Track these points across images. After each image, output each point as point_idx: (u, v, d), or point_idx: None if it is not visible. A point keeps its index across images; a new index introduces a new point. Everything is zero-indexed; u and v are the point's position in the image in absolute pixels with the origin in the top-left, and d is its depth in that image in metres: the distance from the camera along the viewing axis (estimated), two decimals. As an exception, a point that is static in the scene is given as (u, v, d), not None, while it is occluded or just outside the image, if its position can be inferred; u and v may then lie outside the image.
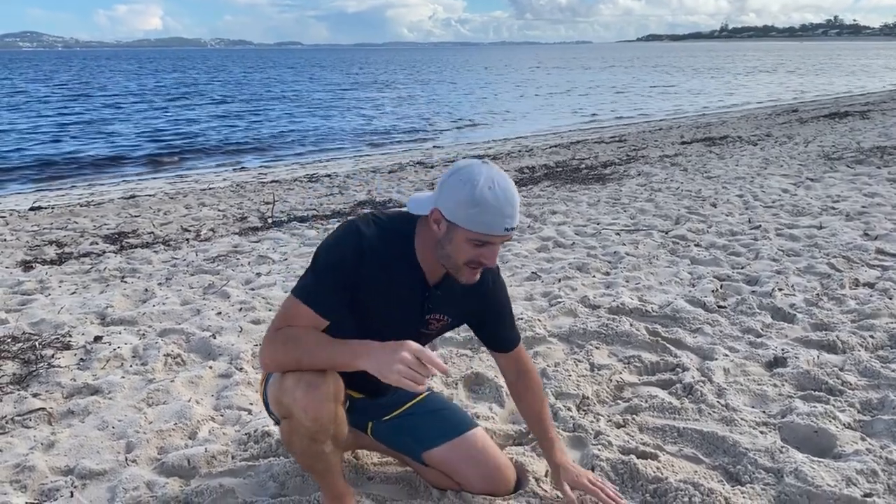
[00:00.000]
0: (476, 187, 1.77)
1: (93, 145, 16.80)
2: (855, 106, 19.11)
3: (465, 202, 1.78)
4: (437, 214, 1.86)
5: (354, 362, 1.80)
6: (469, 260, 1.87)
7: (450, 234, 1.85)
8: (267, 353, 1.90)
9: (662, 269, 4.82)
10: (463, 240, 1.84)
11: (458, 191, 1.79)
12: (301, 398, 1.84)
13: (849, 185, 7.51)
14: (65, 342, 3.74)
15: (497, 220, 1.79)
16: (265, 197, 8.82)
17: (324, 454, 1.98)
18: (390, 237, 1.96)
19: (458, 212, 1.80)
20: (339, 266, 1.90)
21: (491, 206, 1.77)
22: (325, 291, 1.90)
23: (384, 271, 1.94)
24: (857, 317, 3.78)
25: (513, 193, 1.81)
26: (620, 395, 3.05)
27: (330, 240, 1.95)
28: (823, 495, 2.20)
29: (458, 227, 1.82)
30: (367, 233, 1.93)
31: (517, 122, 21.71)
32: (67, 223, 7.40)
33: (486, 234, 1.81)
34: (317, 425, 1.88)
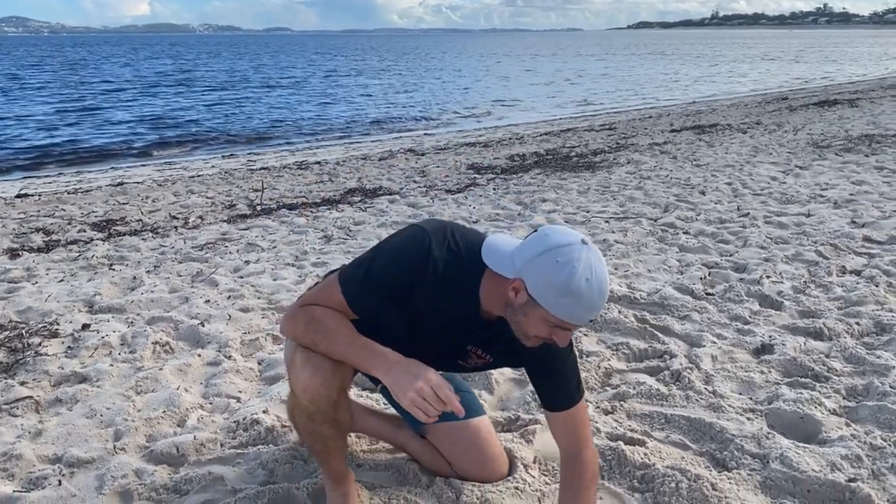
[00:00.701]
0: (574, 276, 1.62)
1: (88, 133, 16.59)
2: (844, 94, 19.18)
3: (558, 288, 1.64)
4: (518, 285, 1.71)
5: (369, 369, 1.77)
6: (542, 337, 1.76)
7: (527, 308, 1.71)
8: (288, 325, 1.88)
9: (651, 257, 4.84)
10: (541, 319, 1.71)
11: (553, 273, 1.64)
12: (304, 379, 1.85)
13: (837, 172, 7.55)
14: (52, 330, 3.72)
15: (586, 313, 1.67)
16: (254, 184, 8.78)
17: (321, 435, 1.98)
18: (459, 270, 1.82)
19: (546, 294, 1.66)
20: (395, 278, 1.81)
21: (585, 299, 1.64)
22: (368, 293, 1.82)
23: (442, 298, 1.84)
24: (844, 304, 3.81)
25: (606, 285, 1.68)
26: (608, 382, 3.06)
27: (396, 245, 1.85)
28: (808, 480, 2.22)
29: (539, 307, 1.68)
30: (437, 255, 1.80)
31: (510, 109, 21.66)
32: (55, 210, 7.35)
33: (571, 322, 1.69)
34: (313, 407, 1.89)
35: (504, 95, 25.83)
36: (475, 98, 25.34)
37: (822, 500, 2.18)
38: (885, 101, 15.87)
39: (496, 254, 1.79)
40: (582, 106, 21.89)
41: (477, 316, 1.88)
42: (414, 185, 8.13)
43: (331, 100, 25.18)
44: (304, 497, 2.22)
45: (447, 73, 41.40)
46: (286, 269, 4.83)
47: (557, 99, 24.37)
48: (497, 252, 1.79)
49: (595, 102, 23.14)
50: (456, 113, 21.00)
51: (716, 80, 31.14)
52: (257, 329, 3.72)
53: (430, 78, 36.97)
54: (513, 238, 1.85)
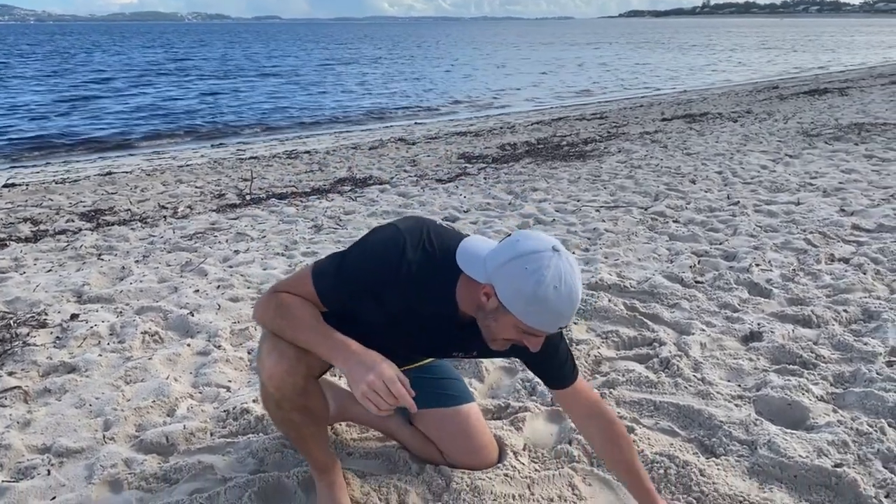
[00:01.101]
0: (541, 284, 1.62)
1: (81, 123, 16.36)
2: (834, 83, 19.23)
3: (526, 296, 1.63)
4: (489, 290, 1.71)
5: (329, 359, 1.78)
6: (512, 340, 1.77)
7: (497, 314, 1.72)
8: (259, 310, 1.89)
9: (641, 246, 4.85)
10: (511, 325, 1.71)
11: (521, 280, 1.64)
12: (269, 366, 1.85)
13: (827, 161, 7.57)
14: (40, 320, 3.70)
15: (555, 320, 1.67)
16: (243, 174, 8.74)
17: (292, 423, 1.97)
18: (433, 272, 1.82)
19: (514, 301, 1.66)
20: (367, 275, 1.81)
21: (553, 306, 1.63)
22: (338, 287, 1.83)
23: (416, 298, 1.83)
24: (832, 291, 3.83)
25: (577, 294, 1.66)
26: (598, 370, 3.07)
27: (371, 244, 1.85)
28: (795, 466, 2.24)
29: (509, 313, 1.68)
30: (412, 258, 1.80)
31: (502, 98, 21.60)
32: (42, 200, 7.29)
33: (540, 329, 1.70)
34: (279, 394, 1.88)
35: (500, 85, 25.66)
36: (469, 87, 25.23)
37: (809, 485, 2.19)
38: (874, 89, 15.92)
39: (470, 257, 1.78)
40: (581, 97, 21.77)
41: (454, 316, 1.87)
42: (405, 175, 8.12)
43: (322, 89, 25.01)
44: (294, 485, 2.22)
45: (441, 61, 41.17)
46: (276, 259, 4.82)
47: (556, 89, 24.20)
48: (471, 256, 1.79)
49: (595, 92, 23.02)
50: (449, 102, 20.94)
51: (717, 69, 30.91)
52: (247, 319, 3.71)
53: (425, 67, 36.80)
54: (489, 241, 1.84)
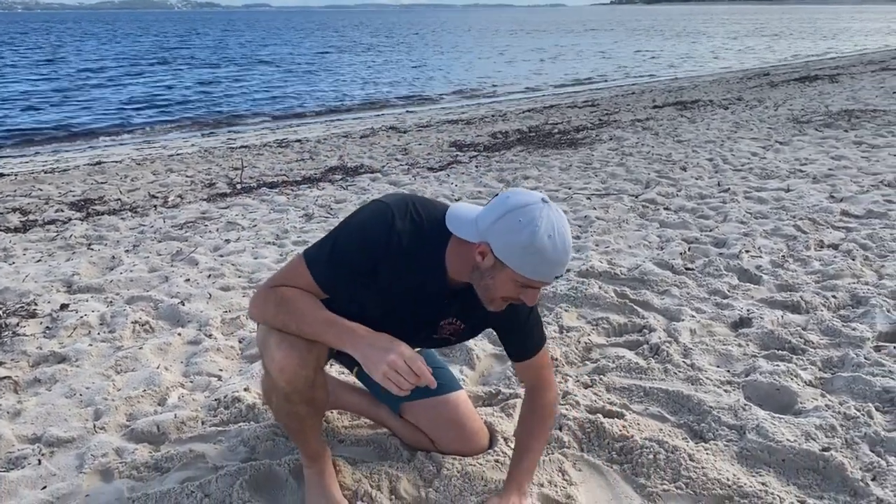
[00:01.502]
0: (536, 234, 1.66)
1: (76, 114, 16.10)
2: (825, 69, 19.25)
3: (522, 247, 1.67)
4: (484, 248, 1.74)
5: (341, 346, 1.77)
6: (510, 298, 1.80)
7: (494, 271, 1.75)
8: (257, 309, 1.87)
9: (632, 233, 4.86)
10: (508, 279, 1.74)
11: (516, 233, 1.68)
12: (279, 359, 1.83)
13: (816, 148, 7.60)
14: (30, 310, 3.69)
15: (552, 269, 1.71)
16: (234, 163, 8.70)
17: (297, 415, 1.97)
18: (423, 241, 1.84)
19: (511, 254, 1.69)
20: (360, 254, 1.82)
21: (549, 255, 1.68)
22: (335, 271, 1.83)
23: (407, 270, 1.85)
24: (821, 277, 3.85)
25: (569, 243, 1.72)
26: (588, 357, 3.09)
27: (359, 221, 1.85)
28: (783, 450, 2.26)
29: (506, 268, 1.72)
30: (401, 228, 1.82)
31: (497, 86, 21.52)
32: (31, 190, 7.25)
33: (537, 279, 1.73)
34: (290, 387, 1.87)
35: (496, 73, 25.48)
36: (467, 76, 25.09)
37: (797, 469, 2.21)
38: (864, 76, 15.96)
39: (460, 220, 1.82)
40: (584, 85, 21.67)
41: (444, 286, 1.90)
42: (396, 164, 8.10)
43: (314, 77, 24.86)
44: (286, 473, 2.22)
45: (438, 50, 40.83)
46: (267, 248, 4.81)
47: (558, 77, 24.04)
48: (461, 218, 1.82)
49: (597, 80, 22.89)
50: (445, 91, 20.85)
51: (726, 56, 30.68)
52: (238, 308, 3.71)
53: (421, 55, 36.55)
54: (475, 205, 1.86)
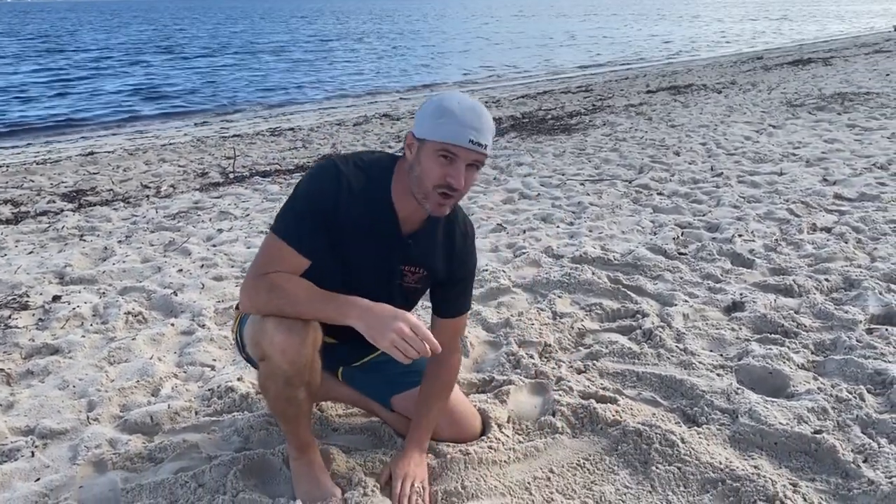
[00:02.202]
0: (443, 101, 1.83)
1: (78, 105, 15.85)
2: (818, 52, 19.22)
3: (432, 114, 1.82)
4: (409, 138, 1.89)
5: (343, 319, 1.80)
6: (437, 182, 1.84)
7: (419, 155, 1.86)
8: (248, 297, 1.89)
9: (625, 218, 4.86)
10: (430, 154, 1.83)
11: (427, 108, 1.86)
12: (280, 342, 1.84)
13: (810, 131, 7.59)
14: (22, 302, 3.67)
15: (462, 129, 1.80)
16: (226, 152, 8.67)
17: (296, 399, 1.98)
18: (367, 177, 1.96)
19: (425, 125, 1.83)
20: (316, 202, 1.90)
21: (456, 115, 1.80)
22: (304, 228, 1.89)
23: (360, 212, 1.93)
24: (814, 261, 3.85)
25: (481, 109, 1.83)
26: (582, 342, 3.09)
27: (308, 178, 1.95)
28: (775, 433, 2.26)
29: (425, 143, 1.83)
30: (345, 170, 1.93)
31: (493, 70, 21.40)
32: (23, 182, 7.21)
33: (452, 142, 1.80)
34: (293, 369, 1.88)
35: (494, 59, 25.23)
36: (459, 60, 24.99)
37: (789, 451, 2.22)
38: (858, 59, 15.93)
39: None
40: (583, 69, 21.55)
41: (398, 227, 2.00)
42: (389, 151, 8.07)
43: (309, 66, 24.64)
44: (280, 462, 2.22)
45: (433, 36, 40.54)
46: (259, 238, 4.80)
47: (553, 62, 23.90)
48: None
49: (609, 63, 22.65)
50: (438, 76, 20.77)
51: (731, 40, 30.43)
52: (231, 297, 3.70)
53: (416, 40, 36.34)
54: None
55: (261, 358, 1.92)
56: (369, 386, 2.37)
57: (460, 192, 1.88)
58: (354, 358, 2.35)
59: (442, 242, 2.10)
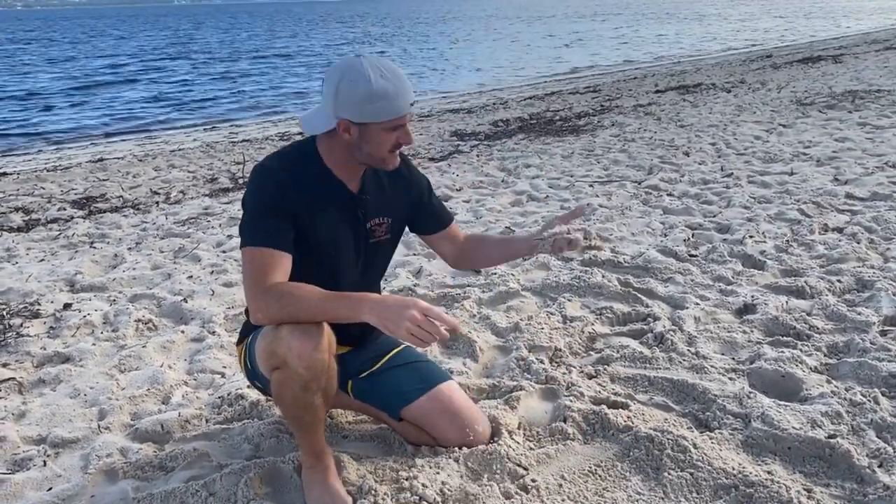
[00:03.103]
0: (371, 82, 1.88)
1: (103, 113, 15.82)
2: (828, 50, 19.10)
3: (367, 99, 1.89)
4: (344, 124, 1.95)
5: (357, 315, 1.81)
6: (392, 147, 2.00)
7: (365, 135, 1.96)
8: (259, 311, 1.89)
9: (635, 220, 4.83)
10: (379, 133, 1.95)
11: (355, 93, 1.89)
12: (296, 346, 1.85)
13: (820, 130, 7.54)
14: (33, 310, 3.69)
15: (401, 102, 1.92)
16: (236, 157, 8.69)
17: (313, 406, 1.98)
18: (297, 160, 2.05)
19: (364, 110, 1.91)
20: (266, 200, 1.96)
21: (391, 92, 1.90)
22: (270, 227, 1.94)
23: (307, 191, 2.02)
24: (826, 262, 3.82)
25: (398, 71, 1.94)
26: (592, 347, 3.07)
27: (247, 189, 2.02)
28: (789, 438, 2.24)
29: (370, 125, 1.94)
30: (274, 166, 2.01)
31: (503, 71, 21.35)
32: (34, 189, 7.26)
33: (397, 117, 1.94)
34: (310, 374, 1.88)
35: (508, 62, 25.02)
36: (470, 63, 24.92)
37: (803, 456, 2.20)
38: (869, 56, 15.83)
39: (311, 122, 2.04)
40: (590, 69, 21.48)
41: (346, 190, 2.10)
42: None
43: (321, 70, 24.62)
44: (290, 470, 2.22)
45: (452, 38, 40.39)
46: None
47: (562, 62, 23.80)
48: (310, 120, 2.04)
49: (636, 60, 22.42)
50: (448, 79, 20.76)
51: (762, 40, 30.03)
52: (241, 303, 3.70)
53: (427, 44, 36.28)
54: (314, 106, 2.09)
55: (276, 367, 1.92)
56: (379, 399, 2.36)
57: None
58: (363, 367, 2.35)
59: (388, 183, 2.23)
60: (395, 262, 4.24)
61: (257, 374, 2.14)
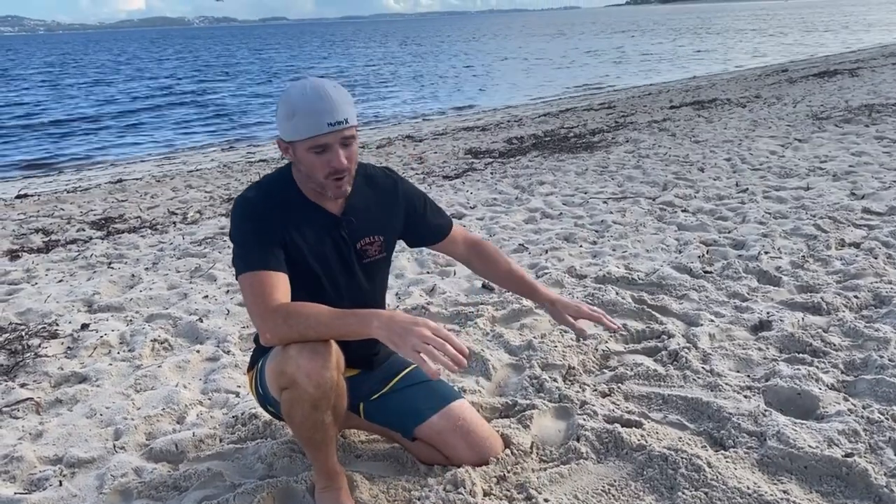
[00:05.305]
0: (289, 99, 1.90)
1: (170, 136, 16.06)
2: (844, 64, 19.01)
3: (285, 116, 1.91)
4: (281, 144, 1.99)
5: (366, 329, 1.81)
6: (325, 173, 1.95)
7: (296, 155, 1.96)
8: (269, 331, 1.88)
9: (649, 237, 4.82)
10: (304, 152, 1.93)
11: (280, 111, 1.94)
12: (305, 364, 1.85)
13: (836, 144, 7.49)
14: (52, 331, 3.73)
15: (315, 119, 1.87)
16: (252, 177, 8.77)
17: (323, 424, 1.98)
18: (273, 189, 2.06)
19: (286, 129, 1.92)
20: (254, 229, 1.98)
21: (304, 109, 1.87)
22: (263, 251, 1.95)
23: (288, 217, 2.03)
24: (843, 277, 3.79)
25: (325, 91, 1.88)
26: (606, 364, 3.06)
27: (232, 224, 2.03)
28: (805, 457, 2.21)
29: (294, 144, 1.94)
30: (254, 197, 2.03)
31: (519, 90, 21.42)
32: (54, 210, 7.36)
33: (314, 135, 1.89)
34: (319, 392, 1.89)
35: (523, 82, 25.04)
36: (485, 81, 25.00)
37: (819, 475, 2.17)
38: (885, 69, 15.74)
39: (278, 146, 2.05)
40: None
41: (327, 214, 2.10)
42: (411, 172, 8.11)
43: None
44: (304, 490, 2.22)
45: (486, 58, 40.50)
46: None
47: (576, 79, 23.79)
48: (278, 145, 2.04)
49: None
50: (462, 97, 20.85)
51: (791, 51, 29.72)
52: (256, 323, 3.73)
53: (438, 63, 36.53)
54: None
55: (285, 387, 1.92)
56: (392, 419, 2.36)
57: (349, 169, 1.98)
58: (374, 390, 2.35)
59: (375, 198, 2.21)
60: (409, 281, 4.26)
61: (269, 399, 2.15)
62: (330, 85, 1.92)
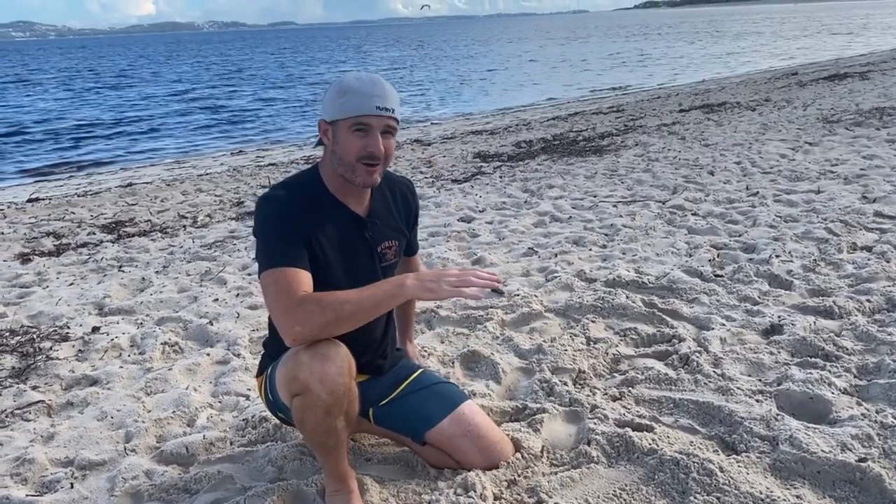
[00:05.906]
0: (342, 81, 1.99)
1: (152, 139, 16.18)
2: (855, 67, 18.92)
3: (335, 96, 1.97)
4: (322, 125, 2.04)
5: (401, 292, 1.88)
6: (359, 155, 1.98)
7: (335, 136, 2.01)
8: (300, 325, 1.84)
9: (659, 240, 4.80)
10: (345, 132, 1.98)
11: (330, 92, 2.01)
12: (318, 370, 1.86)
13: (847, 147, 7.46)
14: (63, 334, 3.75)
15: (367, 99, 1.94)
16: (261, 181, 8.79)
17: (335, 429, 1.98)
18: (301, 187, 2.09)
19: (332, 108, 1.98)
20: (280, 226, 1.98)
21: (356, 89, 1.95)
22: (288, 247, 1.96)
23: (314, 216, 2.04)
24: (855, 281, 3.76)
25: (379, 79, 1.99)
26: (617, 368, 3.05)
27: (256, 220, 2.04)
28: (818, 462, 2.20)
29: (337, 122, 1.98)
30: (280, 195, 2.04)
31: (527, 94, 21.42)
32: (65, 214, 7.39)
33: (361, 114, 1.95)
34: (332, 398, 1.89)
35: (534, 86, 24.96)
36: (492, 86, 25.03)
37: (833, 480, 2.16)
38: (896, 72, 15.65)
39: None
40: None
41: (353, 214, 2.13)
42: (420, 176, 8.12)
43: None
44: (314, 493, 2.22)
45: (466, 61, 40.69)
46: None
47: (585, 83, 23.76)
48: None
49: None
50: (468, 101, 20.87)
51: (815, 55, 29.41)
52: (265, 326, 3.73)
53: (446, 67, 36.57)
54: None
55: (297, 393, 1.92)
56: (402, 424, 2.36)
57: (383, 160, 2.02)
58: (383, 395, 2.35)
59: (395, 205, 2.28)
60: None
61: (279, 405, 2.15)
62: (384, 79, 2.01)
